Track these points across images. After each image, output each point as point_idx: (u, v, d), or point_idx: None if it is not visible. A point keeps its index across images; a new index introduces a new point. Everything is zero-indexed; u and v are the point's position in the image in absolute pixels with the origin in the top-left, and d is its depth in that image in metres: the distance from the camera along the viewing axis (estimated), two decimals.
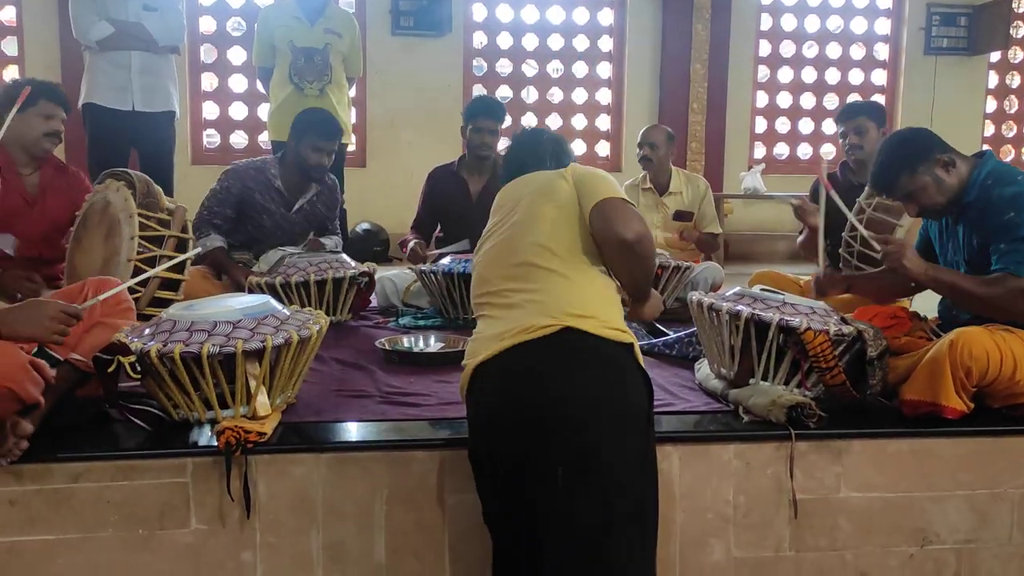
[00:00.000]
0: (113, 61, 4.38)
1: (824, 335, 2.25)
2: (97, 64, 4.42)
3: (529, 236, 1.94)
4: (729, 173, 7.23)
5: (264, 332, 2.12)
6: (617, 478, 1.73)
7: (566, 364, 1.78)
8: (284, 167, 3.77)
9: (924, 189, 2.43)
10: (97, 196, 2.94)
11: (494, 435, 1.82)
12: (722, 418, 2.36)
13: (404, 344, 3.11)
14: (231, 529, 2.04)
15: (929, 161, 2.42)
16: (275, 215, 3.75)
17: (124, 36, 4.37)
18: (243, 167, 3.78)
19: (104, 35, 4.34)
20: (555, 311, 1.83)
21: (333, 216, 4.00)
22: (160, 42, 4.46)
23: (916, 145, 2.46)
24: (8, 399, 1.87)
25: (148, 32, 4.40)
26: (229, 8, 6.79)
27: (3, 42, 6.39)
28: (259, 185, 3.72)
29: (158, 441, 2.09)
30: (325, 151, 3.70)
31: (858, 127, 3.61)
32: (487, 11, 7.17)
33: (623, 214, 1.88)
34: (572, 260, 1.92)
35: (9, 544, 1.96)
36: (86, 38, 4.40)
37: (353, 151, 6.37)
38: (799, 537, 2.26)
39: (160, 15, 4.45)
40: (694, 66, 7.15)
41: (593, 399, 1.75)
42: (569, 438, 1.72)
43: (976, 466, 2.31)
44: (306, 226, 3.86)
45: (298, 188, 3.78)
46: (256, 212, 3.73)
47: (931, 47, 7.51)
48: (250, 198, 3.71)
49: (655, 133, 4.49)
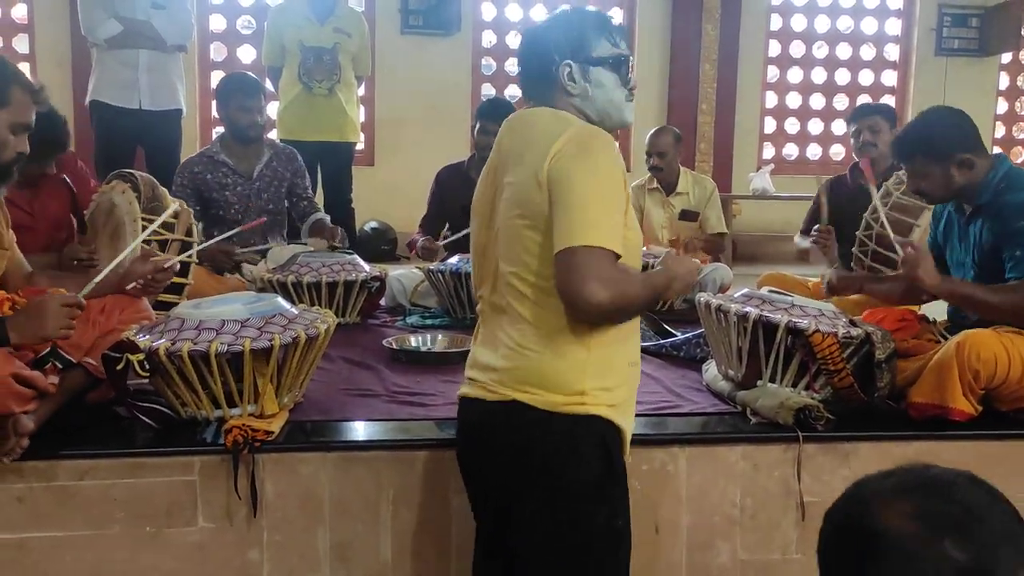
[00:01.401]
0: (121, 59, 4.40)
1: (832, 337, 2.25)
2: (105, 62, 4.45)
3: (504, 259, 1.65)
4: (738, 174, 7.21)
5: (272, 331, 2.12)
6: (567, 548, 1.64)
7: (510, 439, 1.65)
8: (224, 142, 3.89)
9: (930, 176, 2.47)
10: (103, 197, 2.95)
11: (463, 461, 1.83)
12: (729, 420, 2.36)
13: (411, 343, 3.11)
14: (238, 527, 2.05)
15: (949, 158, 2.42)
16: (235, 188, 3.84)
17: (132, 34, 4.40)
18: (187, 160, 3.91)
19: (112, 33, 4.37)
20: (509, 380, 1.63)
21: (302, 184, 4.02)
22: (168, 40, 4.48)
23: (945, 137, 2.47)
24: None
25: (156, 30, 4.42)
26: (239, 7, 6.81)
27: (15, 39, 6.42)
28: (206, 166, 3.83)
29: (166, 439, 2.10)
30: (253, 109, 3.78)
31: (872, 125, 3.62)
32: (496, 10, 7.17)
33: (584, 274, 1.49)
34: (544, 296, 1.60)
35: (18, 541, 1.97)
36: (94, 36, 4.42)
37: (361, 150, 6.37)
38: (806, 540, 2.25)
39: (168, 13, 4.47)
40: (703, 66, 7.13)
41: (535, 475, 1.63)
42: (517, 508, 1.66)
43: (984, 469, 2.26)
44: (273, 192, 3.92)
45: (247, 156, 3.87)
46: (216, 191, 3.81)
47: (942, 48, 7.47)
48: (203, 182, 3.81)
49: (663, 140, 4.46)
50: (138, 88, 4.41)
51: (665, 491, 2.20)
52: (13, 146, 2.05)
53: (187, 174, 3.81)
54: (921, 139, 2.49)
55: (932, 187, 2.49)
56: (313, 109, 4.79)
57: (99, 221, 2.92)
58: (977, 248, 2.49)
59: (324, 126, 4.81)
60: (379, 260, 5.10)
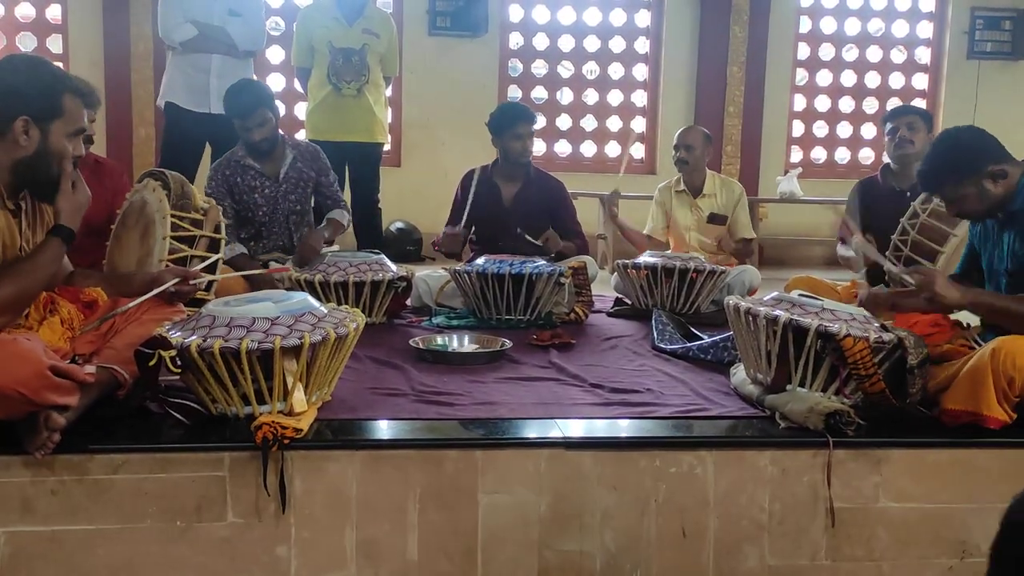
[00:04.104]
0: (194, 63, 4.53)
1: (864, 342, 2.22)
2: (178, 65, 4.58)
3: None
4: (765, 177, 7.17)
5: (302, 329, 2.14)
6: None
7: None
8: (246, 147, 3.93)
9: (966, 198, 2.42)
10: (136, 196, 2.99)
11: None
12: (758, 424, 2.34)
13: (438, 343, 3.12)
14: (267, 523, 2.06)
15: (979, 173, 2.38)
16: (263, 190, 3.87)
17: (207, 39, 4.51)
18: (216, 164, 3.94)
19: (188, 36, 4.51)
20: None
21: (326, 182, 4.03)
22: (241, 46, 4.61)
23: (968, 154, 2.42)
24: (21, 403, 1.87)
25: (230, 36, 4.54)
26: (268, 8, 6.84)
27: (48, 39, 6.52)
28: (235, 170, 3.86)
29: (196, 435, 2.12)
30: (251, 128, 3.78)
31: (911, 123, 3.60)
32: (523, 12, 7.18)
33: None
34: None
35: (50, 534, 2.00)
36: (170, 39, 4.56)
37: (388, 150, 6.40)
38: (835, 546, 2.23)
39: (243, 20, 4.59)
40: (731, 68, 7.10)
41: None
42: None
43: (1018, 477, 2.26)
44: (300, 193, 3.94)
45: (271, 159, 3.89)
46: (246, 194, 3.85)
47: (974, 51, 7.38)
48: (235, 184, 3.85)
49: (692, 135, 4.46)
50: (209, 92, 4.50)
51: (693, 495, 2.18)
52: (71, 153, 2.12)
53: (219, 177, 3.85)
54: (946, 164, 2.43)
55: (972, 207, 2.43)
56: (342, 110, 4.83)
57: (131, 220, 2.96)
58: (1011, 256, 2.45)
59: (353, 127, 4.84)
60: (404, 260, 5.12)
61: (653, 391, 2.62)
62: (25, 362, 1.86)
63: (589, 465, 2.16)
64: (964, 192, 2.41)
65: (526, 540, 2.14)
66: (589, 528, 2.16)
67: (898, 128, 3.61)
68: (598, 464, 2.16)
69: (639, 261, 3.94)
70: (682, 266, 3.79)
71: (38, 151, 2.05)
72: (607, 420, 2.37)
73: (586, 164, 7.23)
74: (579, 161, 7.27)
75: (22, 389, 1.85)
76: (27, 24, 6.53)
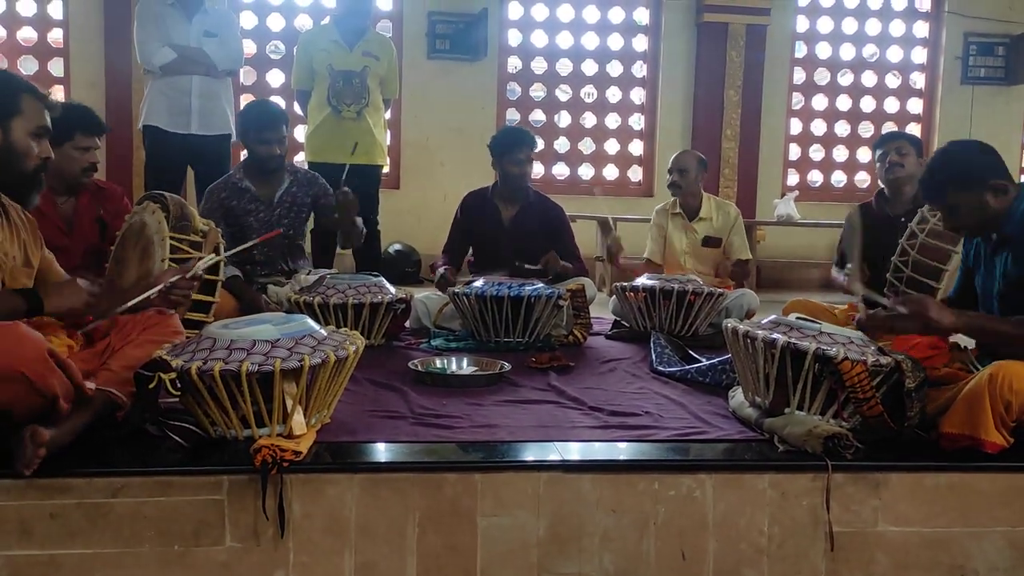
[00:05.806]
0: (174, 85, 4.58)
1: (862, 365, 2.23)
2: (158, 88, 4.62)
3: None
4: (762, 200, 7.21)
5: (302, 352, 2.14)
6: None
7: None
8: (247, 168, 3.92)
9: (964, 208, 2.44)
10: (135, 218, 3.00)
11: None
12: (757, 447, 2.34)
13: (437, 366, 3.13)
14: (265, 548, 2.05)
15: (983, 183, 2.41)
16: (258, 214, 3.87)
17: (185, 61, 4.56)
18: (212, 186, 3.94)
19: (166, 60, 4.55)
20: None
21: (330, 201, 3.96)
22: (219, 66, 4.66)
23: (978, 162, 2.46)
24: (22, 385, 1.89)
25: (208, 57, 4.59)
26: (269, 32, 6.92)
27: (50, 63, 6.56)
28: (231, 193, 3.87)
29: (195, 458, 2.12)
30: (273, 141, 3.81)
31: (899, 147, 3.64)
32: (522, 36, 7.24)
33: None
34: None
35: (48, 557, 1.99)
36: (150, 64, 4.61)
37: (387, 173, 6.43)
38: (834, 570, 2.22)
39: (220, 40, 4.65)
40: (728, 92, 7.15)
41: None
42: None
43: (1016, 502, 2.27)
44: (293, 218, 3.94)
45: (268, 182, 3.90)
46: (241, 216, 3.86)
47: (968, 76, 7.45)
48: (230, 207, 3.85)
49: (685, 159, 4.49)
50: (190, 113, 4.55)
51: (691, 518, 2.18)
52: (37, 152, 2.16)
53: (214, 199, 3.87)
54: (953, 171, 2.46)
55: (968, 219, 2.45)
56: (341, 132, 4.85)
57: (130, 241, 2.97)
58: (1002, 278, 2.47)
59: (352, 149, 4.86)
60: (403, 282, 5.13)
61: (652, 414, 2.62)
62: (28, 344, 1.90)
63: (588, 488, 2.16)
64: (964, 200, 2.43)
65: (525, 563, 2.14)
66: (588, 551, 2.16)
67: (888, 153, 3.64)
68: (597, 487, 2.16)
69: (637, 283, 3.95)
70: (680, 288, 3.80)
71: (1, 148, 2.10)
72: (606, 443, 2.37)
73: (583, 187, 7.27)
74: (577, 183, 7.31)
75: (25, 370, 1.87)
76: (28, 47, 6.57)
